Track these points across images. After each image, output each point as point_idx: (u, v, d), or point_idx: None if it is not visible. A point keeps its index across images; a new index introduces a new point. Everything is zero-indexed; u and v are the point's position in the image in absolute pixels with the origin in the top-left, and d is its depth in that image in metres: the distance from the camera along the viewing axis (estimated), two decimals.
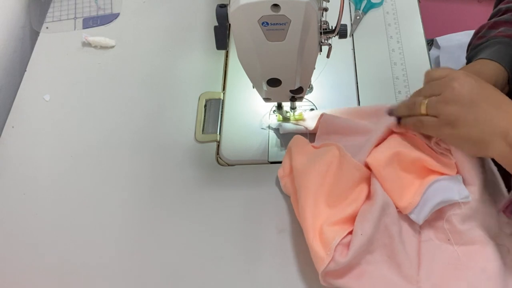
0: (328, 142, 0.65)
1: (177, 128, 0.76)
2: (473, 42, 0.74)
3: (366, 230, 0.56)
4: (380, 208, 0.57)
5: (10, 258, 0.67)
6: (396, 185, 0.59)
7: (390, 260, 0.57)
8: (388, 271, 0.56)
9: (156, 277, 0.64)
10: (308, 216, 0.59)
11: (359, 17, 0.84)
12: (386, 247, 0.57)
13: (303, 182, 0.61)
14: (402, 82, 0.76)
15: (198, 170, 0.71)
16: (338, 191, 0.61)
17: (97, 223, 0.68)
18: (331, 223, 0.58)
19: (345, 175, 0.60)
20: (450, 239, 0.58)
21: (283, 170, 0.67)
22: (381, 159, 0.59)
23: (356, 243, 0.55)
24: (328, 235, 0.56)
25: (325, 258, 0.55)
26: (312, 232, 0.58)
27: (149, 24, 0.88)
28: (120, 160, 0.74)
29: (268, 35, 0.49)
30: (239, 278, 0.62)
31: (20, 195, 0.72)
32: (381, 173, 0.59)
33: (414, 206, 0.58)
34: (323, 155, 0.62)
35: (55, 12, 0.92)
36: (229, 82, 0.79)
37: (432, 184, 0.58)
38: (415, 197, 0.58)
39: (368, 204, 0.59)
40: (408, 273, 0.56)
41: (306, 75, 0.59)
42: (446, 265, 0.57)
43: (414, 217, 0.58)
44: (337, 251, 0.56)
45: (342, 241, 0.56)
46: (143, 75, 0.82)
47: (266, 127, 0.73)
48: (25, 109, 0.80)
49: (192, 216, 0.68)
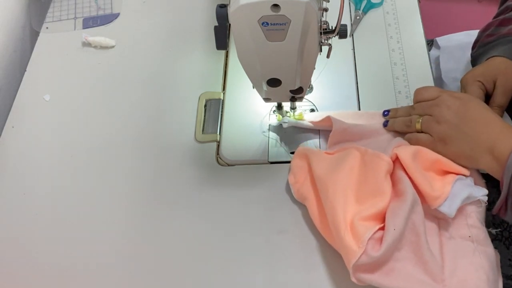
0: (344, 146, 0.66)
1: (177, 128, 0.76)
2: (482, 40, 0.76)
3: (398, 225, 0.56)
4: (410, 205, 0.57)
5: (10, 258, 0.67)
6: (424, 177, 0.60)
7: (417, 257, 0.57)
8: (414, 269, 0.56)
9: (156, 277, 0.64)
10: (339, 212, 0.58)
11: (359, 17, 0.84)
12: (413, 244, 0.57)
13: (330, 184, 0.61)
14: (402, 82, 0.76)
15: (198, 170, 0.71)
16: (367, 187, 0.61)
17: (97, 223, 0.68)
18: (362, 218, 0.57)
19: (372, 169, 0.61)
20: (471, 236, 0.59)
21: (294, 177, 0.66)
22: (409, 153, 0.60)
23: (389, 238, 0.55)
24: (360, 229, 0.56)
25: (357, 251, 0.55)
26: (344, 225, 0.57)
27: (149, 24, 0.88)
28: (120, 160, 0.74)
29: (268, 35, 0.49)
30: (239, 278, 0.62)
31: (20, 195, 0.72)
32: (410, 164, 0.60)
33: (446, 197, 0.58)
34: (345, 157, 0.63)
35: (55, 12, 0.92)
36: (229, 82, 0.79)
37: (456, 181, 0.60)
38: (446, 188, 0.59)
39: (398, 200, 0.59)
40: (434, 271, 0.56)
41: (306, 75, 0.59)
42: (469, 262, 0.58)
43: (445, 210, 0.58)
44: (369, 245, 0.55)
45: (374, 235, 0.56)
46: (143, 75, 0.82)
47: (267, 129, 0.73)
48: (25, 109, 0.80)
49: (192, 216, 0.68)
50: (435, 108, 0.63)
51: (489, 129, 0.58)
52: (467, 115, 0.60)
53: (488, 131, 0.58)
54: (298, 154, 0.68)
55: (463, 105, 0.61)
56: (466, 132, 0.59)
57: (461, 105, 0.61)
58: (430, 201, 0.59)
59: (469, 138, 0.59)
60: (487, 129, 0.58)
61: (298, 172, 0.67)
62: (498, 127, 0.58)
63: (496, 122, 0.59)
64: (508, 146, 0.55)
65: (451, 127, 0.60)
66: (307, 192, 0.64)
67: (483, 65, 0.70)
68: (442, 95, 0.63)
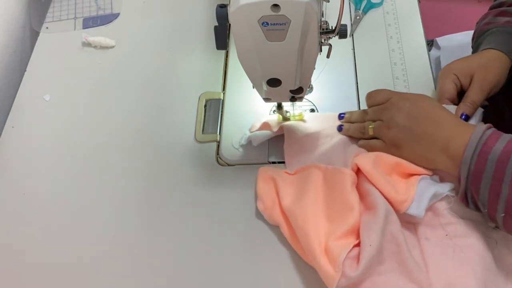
0: (303, 166, 0.66)
1: (177, 128, 0.76)
2: (480, 28, 0.74)
3: (374, 240, 0.55)
4: (384, 217, 0.57)
5: (10, 258, 0.67)
6: (388, 183, 0.59)
7: (401, 267, 0.56)
8: (400, 279, 0.56)
9: (156, 277, 0.64)
10: (312, 238, 0.57)
11: (359, 17, 0.84)
12: (395, 255, 0.57)
13: (299, 212, 0.60)
14: (402, 82, 0.76)
15: (198, 170, 0.71)
16: (335, 204, 0.60)
17: (97, 223, 0.68)
18: (335, 237, 0.57)
19: (336, 185, 0.60)
20: (448, 234, 0.58)
21: (263, 203, 0.65)
22: (369, 161, 0.60)
23: (366, 255, 0.54)
24: (334, 250, 0.55)
25: (335, 276, 0.54)
26: (319, 250, 0.56)
27: (149, 24, 0.88)
28: (120, 160, 0.74)
29: (268, 35, 0.49)
30: (239, 278, 0.62)
31: (20, 195, 0.72)
32: (372, 173, 0.59)
33: (412, 200, 0.58)
34: (307, 180, 0.63)
35: (55, 12, 0.92)
36: (229, 82, 0.79)
37: (420, 181, 0.60)
38: (411, 190, 0.58)
39: (370, 214, 0.58)
40: (419, 278, 0.55)
41: (306, 75, 0.59)
42: (451, 261, 0.57)
43: (414, 211, 0.58)
44: (346, 266, 0.54)
45: (349, 254, 0.55)
46: (143, 75, 0.82)
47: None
48: (25, 109, 0.80)
49: (192, 216, 0.68)
50: (385, 112, 0.62)
51: (441, 128, 0.57)
52: (418, 116, 0.59)
53: (440, 130, 0.57)
54: (261, 177, 0.67)
55: (413, 106, 0.60)
56: (419, 135, 0.58)
57: (411, 107, 0.60)
58: (397, 206, 0.58)
59: (422, 140, 0.58)
60: (440, 128, 0.57)
61: (265, 196, 0.65)
62: (451, 125, 0.57)
63: (448, 120, 0.58)
64: (461, 144, 0.54)
65: (402, 130, 0.60)
66: (278, 219, 0.63)
67: (466, 58, 0.69)
68: (392, 97, 0.63)
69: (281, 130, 0.70)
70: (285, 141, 0.70)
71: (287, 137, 0.69)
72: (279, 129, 0.70)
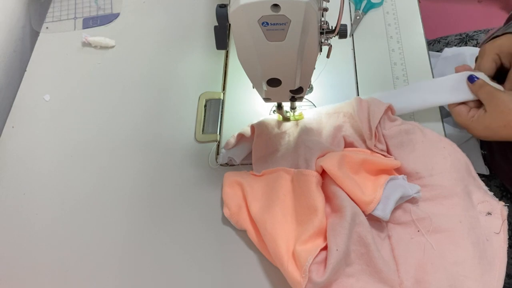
0: (270, 169, 0.66)
1: (177, 128, 0.76)
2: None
3: (340, 244, 0.55)
4: (350, 219, 0.57)
5: (10, 258, 0.67)
6: (354, 184, 0.59)
7: (370, 268, 0.56)
8: (369, 280, 0.56)
9: (155, 276, 0.64)
10: (280, 243, 0.57)
11: (359, 17, 0.84)
12: (364, 256, 0.57)
13: (268, 217, 0.60)
14: (402, 82, 0.76)
15: (198, 170, 0.71)
16: (302, 206, 0.60)
17: (97, 223, 0.68)
18: (302, 242, 0.57)
19: (302, 187, 0.60)
20: (420, 230, 0.59)
21: (228, 209, 0.65)
22: (333, 162, 0.60)
23: (333, 259, 0.55)
24: (301, 255, 0.55)
25: (301, 282, 0.54)
26: (286, 256, 0.56)
27: (149, 24, 0.88)
28: (120, 160, 0.74)
29: (268, 35, 0.49)
30: (239, 277, 0.62)
31: (20, 195, 0.72)
32: (337, 174, 0.59)
33: (378, 201, 0.58)
34: (275, 183, 0.63)
35: (55, 12, 0.92)
36: (229, 82, 0.79)
37: (388, 182, 0.60)
38: (377, 192, 0.58)
39: (337, 217, 0.58)
40: (389, 277, 0.56)
41: (306, 75, 0.59)
42: (422, 258, 0.57)
43: (379, 213, 0.58)
44: (312, 272, 0.54)
45: (316, 259, 0.55)
46: (143, 75, 0.82)
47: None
48: (25, 109, 0.80)
49: (192, 216, 0.68)
50: None
51: None
52: None
53: None
54: (227, 183, 0.67)
55: None
56: None
57: None
58: (363, 207, 0.58)
59: None
60: None
61: (231, 202, 0.65)
62: None
63: None
64: None
65: None
66: (245, 224, 0.63)
67: (506, 37, 0.66)
68: None
69: (253, 130, 0.69)
70: (254, 141, 0.69)
71: (256, 135, 0.69)
72: (251, 131, 0.69)
